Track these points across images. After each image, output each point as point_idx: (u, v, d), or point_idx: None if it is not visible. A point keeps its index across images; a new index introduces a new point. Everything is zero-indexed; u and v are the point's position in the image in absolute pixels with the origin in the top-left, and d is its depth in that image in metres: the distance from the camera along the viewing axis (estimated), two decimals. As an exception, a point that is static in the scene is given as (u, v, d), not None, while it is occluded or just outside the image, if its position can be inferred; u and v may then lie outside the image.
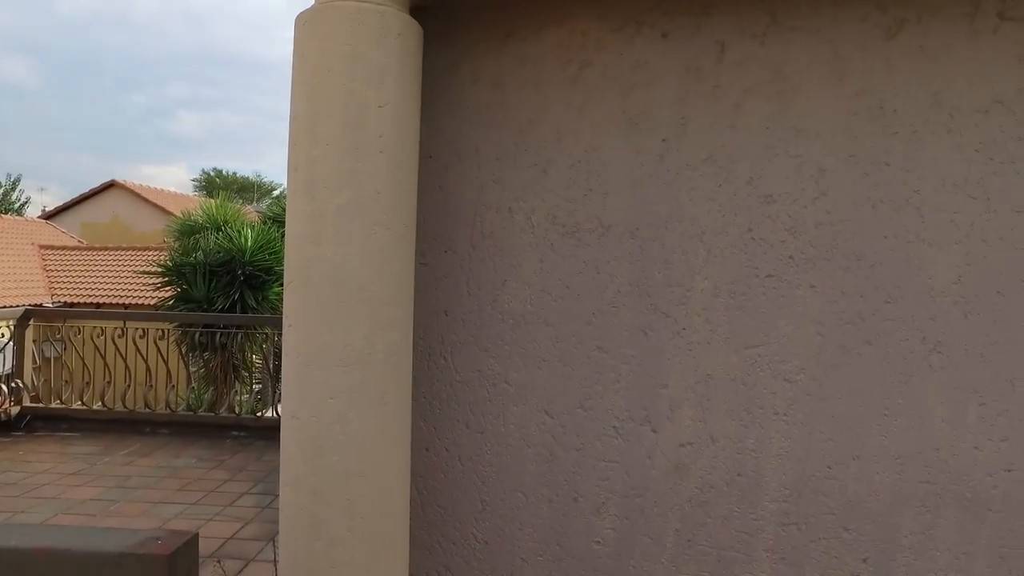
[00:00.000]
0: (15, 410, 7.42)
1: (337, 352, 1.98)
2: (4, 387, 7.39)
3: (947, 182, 2.33)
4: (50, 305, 20.34)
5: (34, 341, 8.02)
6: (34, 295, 21.21)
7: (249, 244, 9.42)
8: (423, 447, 2.49)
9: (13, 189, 40.30)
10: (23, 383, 7.54)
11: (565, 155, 2.42)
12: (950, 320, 2.32)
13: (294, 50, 2.14)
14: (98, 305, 21.07)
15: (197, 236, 10.11)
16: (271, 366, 7.68)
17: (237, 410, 7.16)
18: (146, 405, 7.48)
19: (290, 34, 2.16)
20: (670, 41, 2.41)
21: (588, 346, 2.36)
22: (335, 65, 2.01)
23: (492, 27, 2.50)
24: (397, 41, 2.08)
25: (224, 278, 9.33)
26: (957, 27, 2.35)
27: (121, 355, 7.83)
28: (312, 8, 2.13)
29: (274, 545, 3.53)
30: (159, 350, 7.88)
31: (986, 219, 2.33)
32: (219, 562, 3.62)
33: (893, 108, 2.34)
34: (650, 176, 2.36)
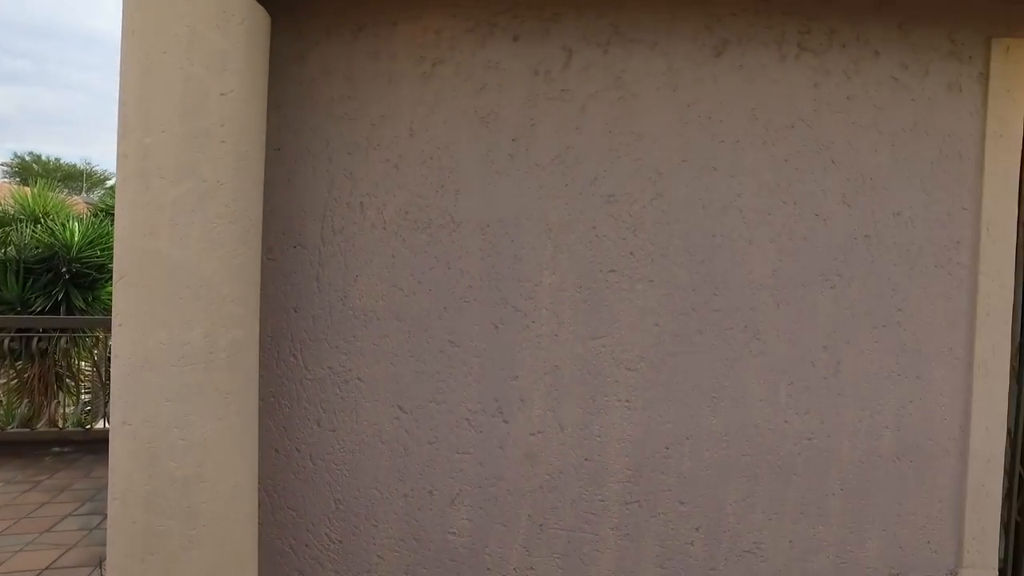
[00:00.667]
0: None
1: (175, 352, 1.85)
2: None
3: (763, 187, 2.61)
4: None
5: None
6: None
7: (76, 239, 8.45)
8: (272, 448, 2.39)
9: None
10: None
11: (417, 151, 2.43)
12: (766, 310, 2.61)
13: (123, 25, 1.97)
14: None
15: (8, 229, 8.92)
16: (103, 373, 6.99)
17: (60, 424, 6.44)
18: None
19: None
20: (521, 44, 2.50)
21: (440, 340, 2.39)
22: (171, 45, 1.88)
23: (344, 19, 2.46)
24: (241, 27, 1.98)
25: (44, 276, 8.30)
26: (769, 51, 2.64)
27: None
28: (143, -19, 1.98)
29: (101, 569, 3.22)
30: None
31: (794, 221, 2.64)
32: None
33: (720, 119, 2.59)
34: (500, 174, 2.43)
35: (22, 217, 9.17)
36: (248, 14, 2.01)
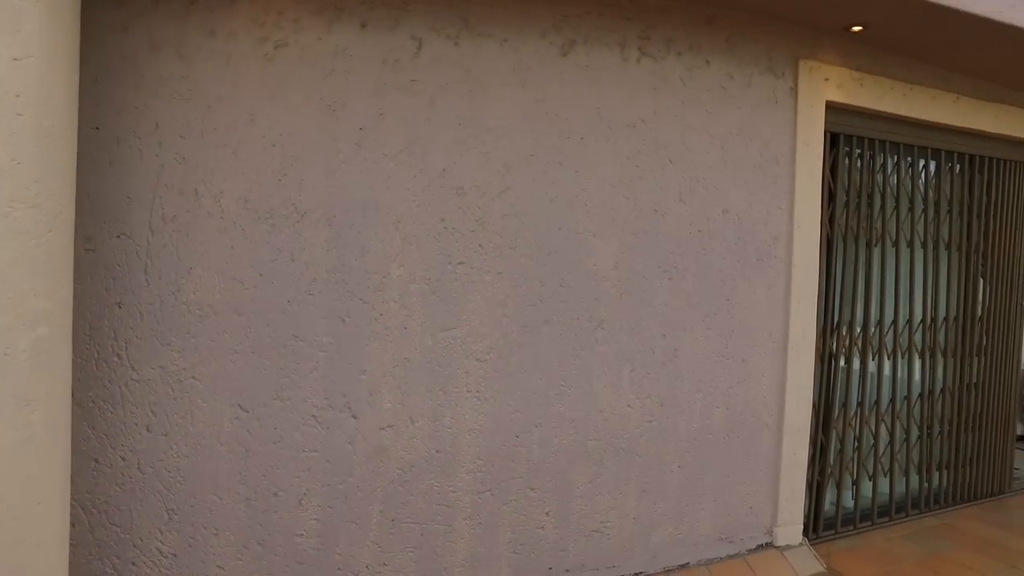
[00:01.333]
0: None
1: (-39, 354, 1.63)
2: None
3: (606, 183, 2.75)
4: None
5: None
6: None
7: None
8: (91, 458, 2.18)
9: None
10: None
11: (258, 137, 2.31)
12: (609, 300, 2.74)
13: None
14: None
15: None
16: None
17: None
18: None
19: None
20: (369, 31, 2.44)
21: (284, 335, 2.29)
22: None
23: (173, -10, 2.27)
24: (42, -15, 1.77)
25: None
26: (612, 54, 2.77)
27: None
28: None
29: None
30: None
31: (635, 215, 2.79)
32: None
33: (566, 116, 2.68)
34: (347, 164, 2.36)
35: None
36: (52, -27, 1.80)
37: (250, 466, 2.29)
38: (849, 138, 3.48)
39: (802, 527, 3.30)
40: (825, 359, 3.43)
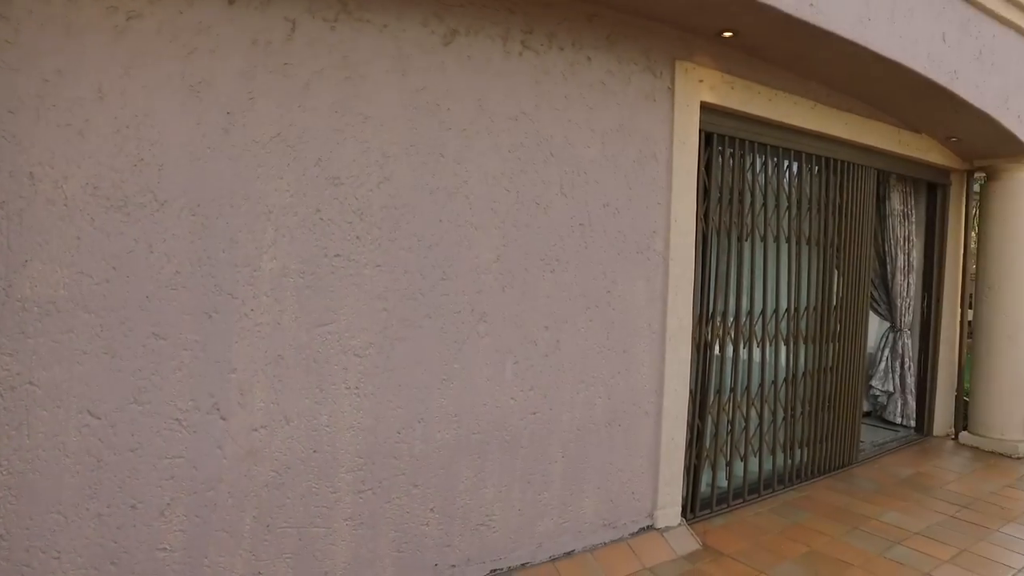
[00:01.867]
0: None
1: None
2: None
3: (489, 176, 2.74)
4: None
5: None
6: None
7: None
8: (-95, 478, 1.91)
9: None
10: None
11: (110, 118, 2.10)
12: (492, 293, 2.74)
13: None
14: None
15: None
16: None
17: None
18: None
19: None
20: (237, 9, 2.29)
21: (142, 333, 2.11)
22: None
23: (1, -52, 2.02)
24: None
25: None
26: (495, 46, 2.76)
27: None
28: None
29: None
30: None
31: (516, 208, 2.80)
32: None
33: (448, 107, 2.64)
34: (214, 150, 2.21)
35: None
36: None
37: (102, 478, 2.10)
38: (722, 138, 3.67)
39: (680, 508, 3.45)
40: (701, 348, 3.60)
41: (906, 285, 5.36)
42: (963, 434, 5.33)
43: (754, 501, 3.96)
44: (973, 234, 5.84)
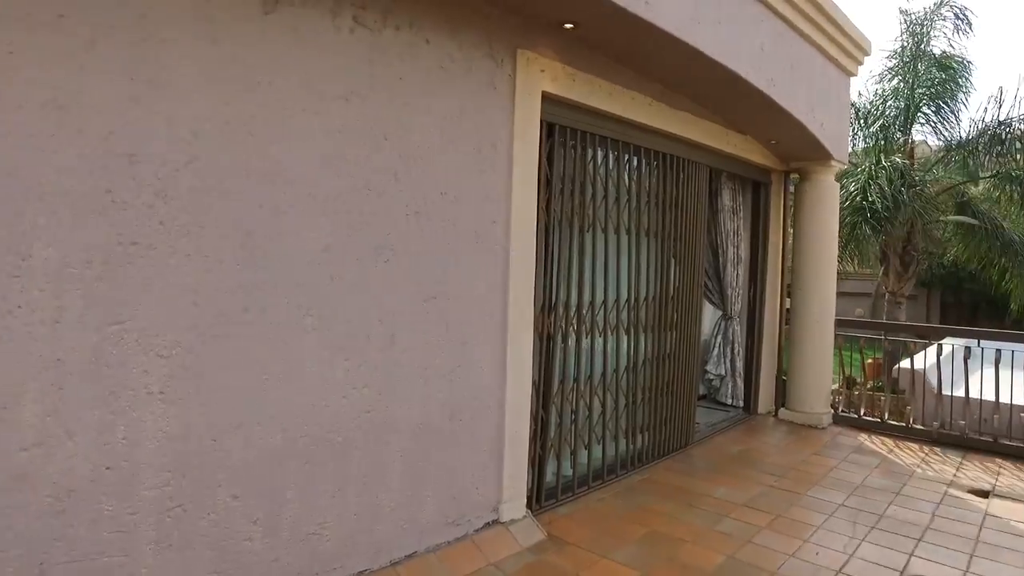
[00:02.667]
0: None
1: None
2: None
3: (315, 158, 2.53)
4: None
5: None
6: None
7: None
8: None
9: None
10: None
11: None
12: (320, 285, 2.55)
13: None
14: None
15: None
16: None
17: None
18: None
19: None
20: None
21: None
22: None
23: None
24: None
25: None
26: (324, 20, 2.56)
27: None
28: None
29: None
30: None
31: (347, 195, 2.62)
32: None
33: (268, 81, 2.40)
34: (-38, 115, 1.84)
35: None
36: None
37: None
38: (564, 129, 3.70)
39: (526, 500, 3.45)
40: (543, 338, 3.62)
41: (736, 276, 5.77)
42: (782, 410, 5.85)
43: (599, 487, 4.06)
44: (791, 229, 6.42)
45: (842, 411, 5.83)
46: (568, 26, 3.32)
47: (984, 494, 4.19)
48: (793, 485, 4.26)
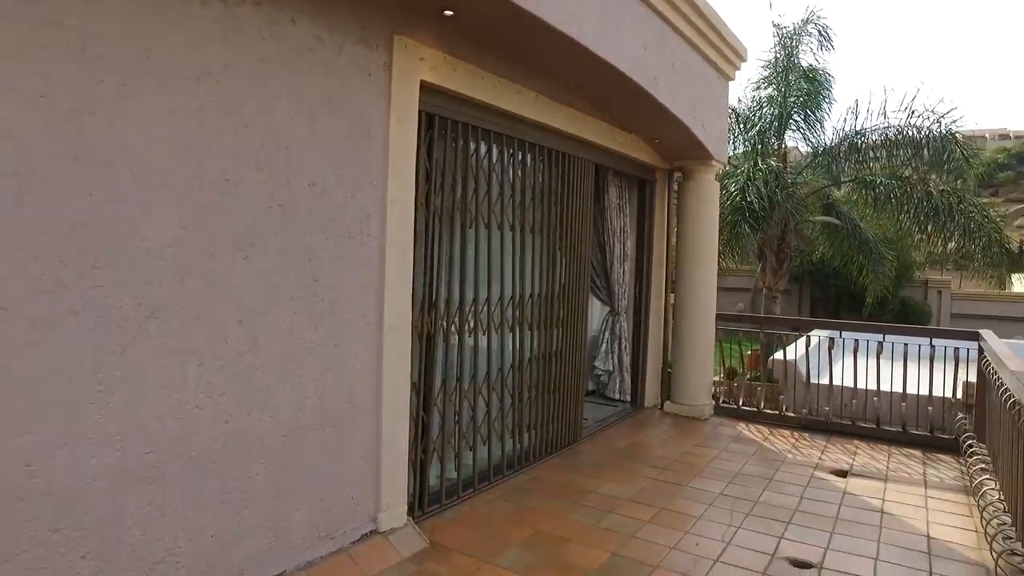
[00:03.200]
0: None
1: None
2: None
3: (161, 143, 2.26)
4: None
5: None
6: None
7: None
8: None
9: None
10: None
11: None
12: (167, 284, 2.28)
13: None
14: None
15: None
16: None
17: None
18: None
19: None
20: None
21: None
22: None
23: None
24: None
25: None
26: (170, -12, 2.29)
27: None
28: None
29: None
30: None
31: (199, 185, 2.37)
32: None
33: (98, 53, 2.11)
34: None
35: None
36: None
37: None
38: (445, 121, 3.57)
39: (407, 508, 3.30)
40: (424, 338, 3.48)
41: (622, 272, 5.86)
42: (667, 403, 6.02)
43: (485, 489, 3.97)
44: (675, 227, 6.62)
45: (723, 402, 6.07)
46: (448, 13, 3.20)
47: (843, 474, 4.47)
48: (676, 477, 4.35)
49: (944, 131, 11.27)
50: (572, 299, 4.82)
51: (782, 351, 6.45)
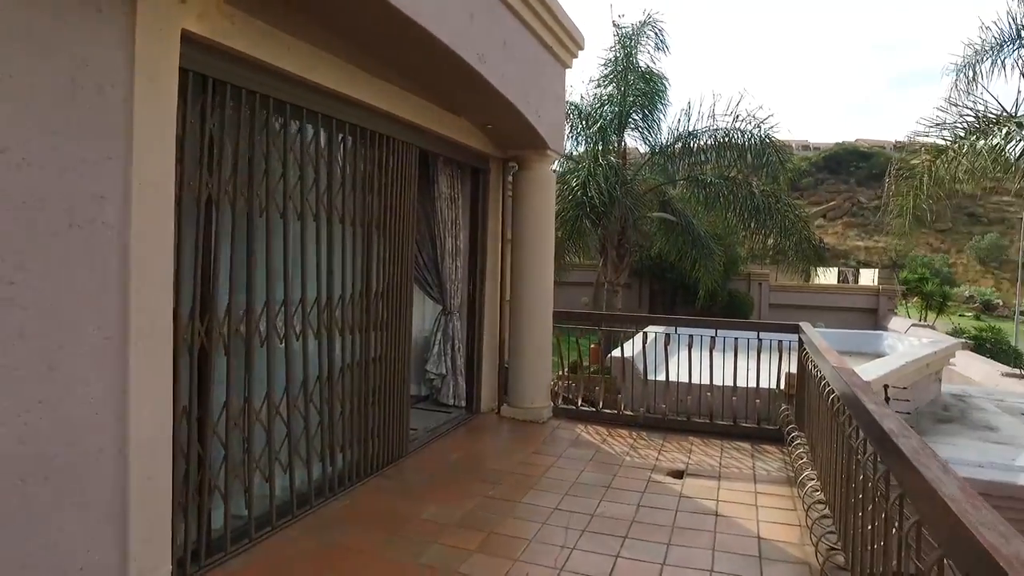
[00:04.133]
0: None
1: None
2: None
3: None
4: None
5: None
6: None
7: None
8: None
9: None
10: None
11: None
12: None
13: None
14: None
15: None
16: None
17: None
18: None
19: None
20: None
21: None
22: None
23: None
24: None
25: None
26: None
27: None
28: None
29: None
30: None
31: None
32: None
33: None
34: None
35: None
36: None
37: None
38: (224, 86, 2.92)
39: (172, 566, 2.62)
40: (196, 352, 2.81)
41: (455, 268, 5.44)
42: (504, 407, 5.70)
43: (286, 525, 3.36)
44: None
45: (562, 403, 5.85)
46: (219, -53, 2.56)
47: (680, 475, 4.36)
48: (510, 492, 4.00)
49: (763, 135, 12.10)
50: (394, 298, 4.31)
51: (619, 348, 6.36)
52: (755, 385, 5.30)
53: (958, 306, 32.17)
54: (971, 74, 9.14)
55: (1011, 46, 8.96)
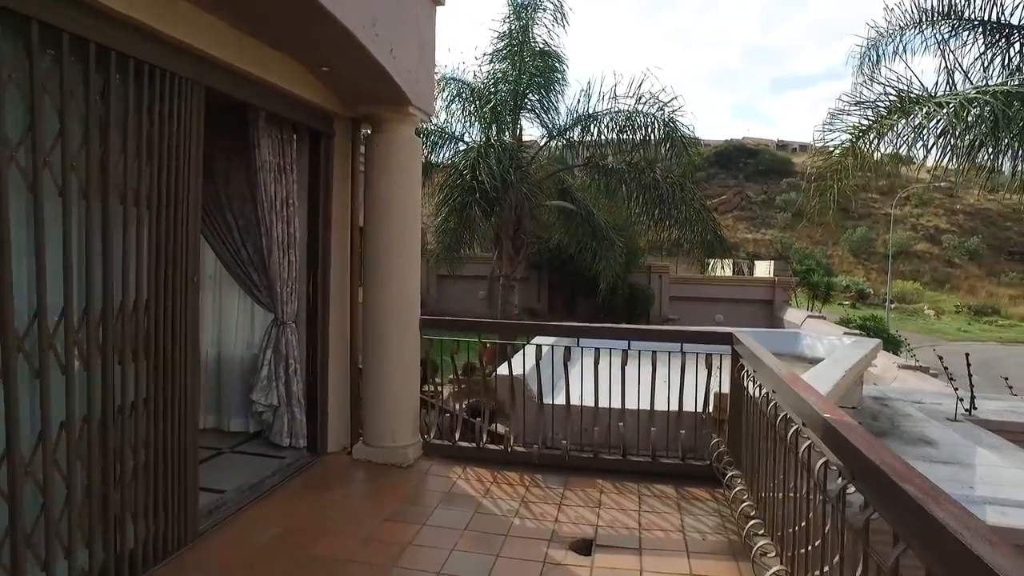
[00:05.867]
0: None
1: None
2: None
3: None
4: None
5: None
6: None
7: None
8: None
9: None
10: None
11: None
12: None
13: None
14: None
15: None
16: None
17: None
18: None
19: None
20: None
21: None
22: None
23: None
24: None
25: None
26: None
27: None
28: None
29: None
30: None
31: None
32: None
33: None
34: None
35: None
36: None
37: None
38: None
39: None
40: None
41: (287, 263, 4.02)
42: (357, 446, 4.32)
43: None
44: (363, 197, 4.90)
45: (435, 438, 4.52)
46: None
47: (587, 548, 3.19)
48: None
49: (667, 118, 11.32)
50: (169, 311, 2.87)
51: (507, 364, 5.07)
52: (677, 408, 4.22)
53: (838, 295, 33.72)
54: (875, 57, 8.75)
55: (912, 31, 8.63)
